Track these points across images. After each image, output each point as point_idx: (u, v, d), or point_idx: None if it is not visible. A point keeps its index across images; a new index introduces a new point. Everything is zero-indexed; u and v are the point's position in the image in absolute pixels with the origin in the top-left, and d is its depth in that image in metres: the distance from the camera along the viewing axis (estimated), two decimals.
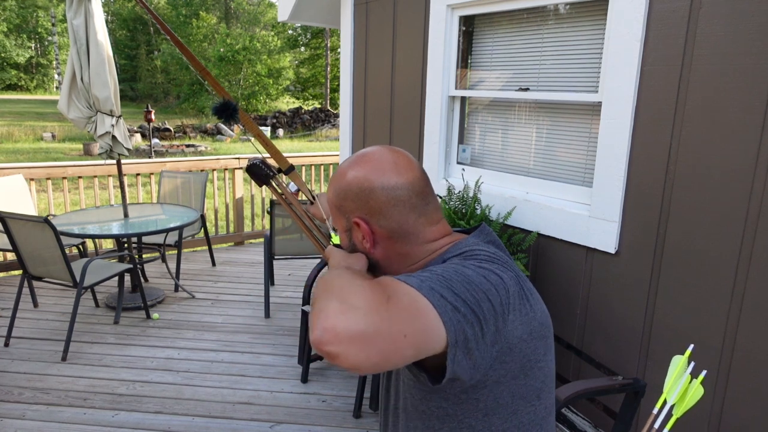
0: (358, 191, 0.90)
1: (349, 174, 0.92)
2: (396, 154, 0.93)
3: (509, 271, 0.84)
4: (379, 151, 0.93)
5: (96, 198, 5.17)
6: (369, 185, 0.90)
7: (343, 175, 0.93)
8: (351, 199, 0.91)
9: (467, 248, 0.89)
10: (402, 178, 0.90)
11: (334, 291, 0.69)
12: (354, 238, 0.94)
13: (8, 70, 40.06)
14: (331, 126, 24.72)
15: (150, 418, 2.76)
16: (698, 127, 1.89)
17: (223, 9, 41.08)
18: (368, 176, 0.90)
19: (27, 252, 3.45)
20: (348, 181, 0.92)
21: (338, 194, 0.94)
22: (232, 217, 5.86)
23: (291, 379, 3.17)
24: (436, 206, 0.94)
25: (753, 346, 1.81)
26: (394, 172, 0.90)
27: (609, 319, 2.26)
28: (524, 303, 0.82)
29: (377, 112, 3.49)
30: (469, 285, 0.75)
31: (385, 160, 0.91)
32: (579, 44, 2.39)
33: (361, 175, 0.91)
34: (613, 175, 2.16)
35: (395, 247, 0.92)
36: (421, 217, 0.91)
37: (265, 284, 4.07)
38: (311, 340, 0.64)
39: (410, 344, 0.67)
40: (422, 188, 0.91)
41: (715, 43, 1.83)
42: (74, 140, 18.42)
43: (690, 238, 1.95)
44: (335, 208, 0.96)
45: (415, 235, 0.91)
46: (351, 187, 0.91)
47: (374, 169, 0.90)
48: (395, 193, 0.89)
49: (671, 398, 1.43)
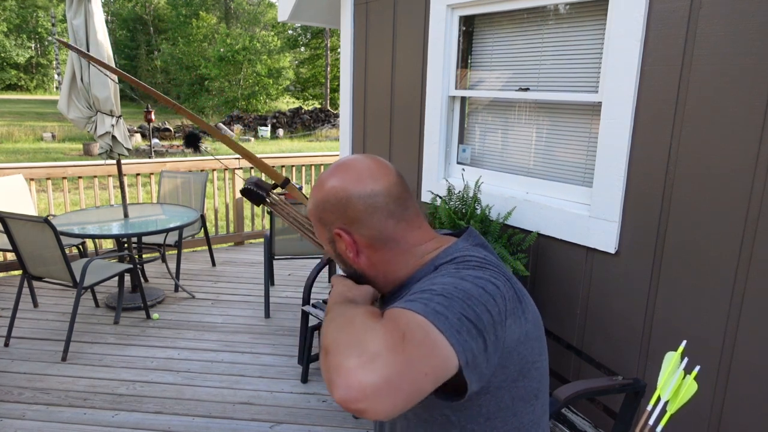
0: (335, 202, 0.90)
1: (326, 185, 0.92)
2: (372, 160, 0.92)
3: (502, 275, 0.84)
4: (355, 159, 0.93)
5: (96, 198, 5.17)
6: (345, 194, 0.89)
7: (321, 186, 0.93)
8: (330, 211, 0.91)
9: (458, 254, 0.88)
10: (378, 184, 0.89)
11: (349, 338, 0.68)
12: (338, 248, 0.94)
13: (8, 70, 40.08)
14: (331, 126, 24.72)
15: (150, 418, 2.76)
16: (698, 127, 1.89)
17: (223, 9, 41.06)
18: (345, 186, 0.90)
19: (27, 252, 3.45)
20: (325, 192, 0.91)
21: (317, 206, 0.93)
22: (232, 217, 5.86)
23: (291, 379, 3.17)
24: (416, 211, 0.93)
25: (753, 346, 1.81)
26: (370, 179, 0.89)
27: (609, 319, 2.26)
28: (518, 306, 0.82)
29: (377, 112, 3.49)
30: (470, 300, 0.75)
31: (361, 167, 0.91)
32: (579, 44, 2.39)
33: (337, 185, 0.90)
34: (613, 175, 2.16)
35: (379, 255, 0.91)
36: (401, 222, 0.90)
37: (265, 284, 4.07)
38: (336, 399, 0.63)
39: (431, 380, 0.67)
40: (399, 193, 0.91)
41: (715, 43, 1.83)
42: (74, 140, 18.42)
43: (690, 238, 1.95)
44: (317, 220, 0.95)
45: (396, 241, 0.91)
46: (329, 198, 0.91)
47: (350, 179, 0.90)
48: (372, 200, 0.89)
49: (665, 394, 1.42)
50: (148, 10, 41.00)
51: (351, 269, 0.96)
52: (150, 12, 41.00)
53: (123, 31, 41.36)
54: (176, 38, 36.90)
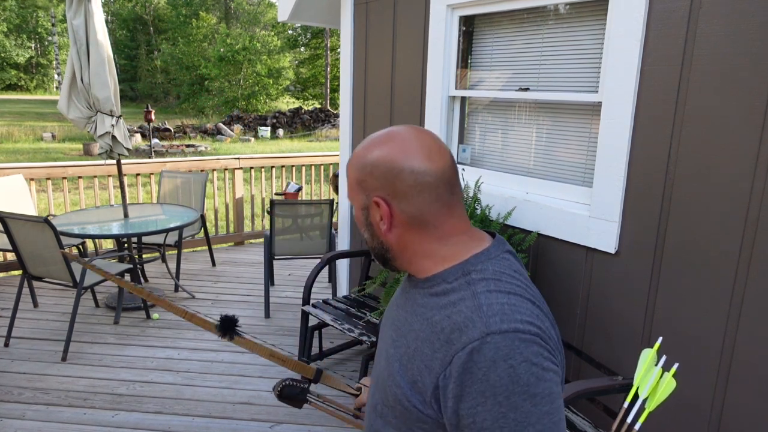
0: (385, 170, 0.86)
1: (377, 150, 0.87)
2: (431, 138, 0.89)
3: (546, 318, 0.84)
4: (412, 131, 0.89)
5: (96, 198, 5.17)
6: (398, 166, 0.85)
7: (371, 150, 0.88)
8: (376, 177, 0.87)
9: (491, 267, 0.86)
10: (433, 164, 0.86)
11: None
12: (371, 217, 0.90)
13: (8, 70, 40.07)
14: (331, 126, 24.72)
15: (150, 418, 2.76)
16: (698, 127, 1.89)
17: (223, 9, 41.07)
18: (399, 156, 0.86)
19: (27, 252, 3.45)
20: (376, 157, 0.87)
21: (362, 169, 0.89)
22: (232, 217, 5.86)
23: None
24: (460, 199, 0.91)
25: (753, 346, 1.81)
26: (427, 156, 0.86)
27: (609, 319, 2.26)
28: (562, 377, 0.83)
29: (377, 112, 3.49)
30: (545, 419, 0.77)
31: (420, 142, 0.87)
32: (579, 44, 2.39)
33: (392, 153, 0.86)
34: (613, 175, 2.16)
35: (411, 235, 0.89)
36: (444, 207, 0.87)
37: (265, 284, 4.07)
38: None
39: None
40: (450, 178, 0.88)
41: (715, 43, 1.83)
42: (74, 140, 18.42)
43: (690, 238, 1.95)
44: (356, 182, 0.91)
45: (434, 226, 0.88)
46: (378, 164, 0.87)
47: (407, 151, 0.86)
48: (424, 178, 0.85)
49: (643, 392, 1.42)
50: (148, 10, 41.00)
51: (376, 242, 0.93)
52: (150, 12, 41.00)
53: (123, 31, 41.36)
54: (176, 38, 36.91)
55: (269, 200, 4.49)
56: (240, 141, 21.02)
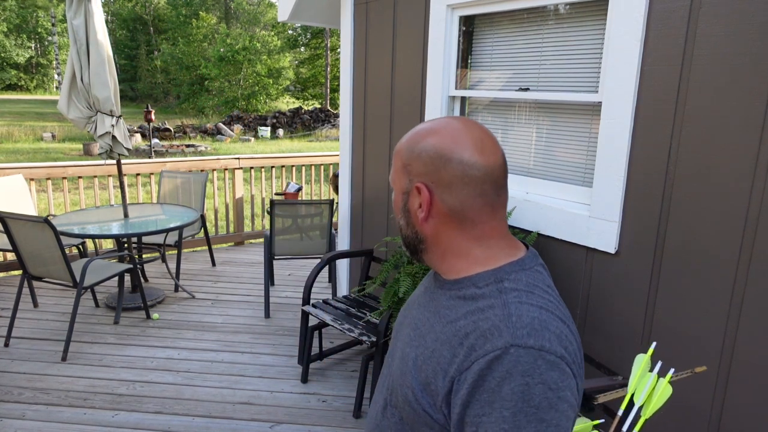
0: (434, 156, 0.84)
1: (430, 137, 0.86)
2: (485, 133, 0.87)
3: (574, 339, 0.82)
4: (468, 123, 0.87)
5: (96, 198, 5.17)
6: (448, 154, 0.84)
7: (424, 135, 0.87)
8: (423, 162, 0.85)
9: (524, 278, 0.84)
10: (484, 159, 0.84)
11: None
12: (410, 203, 0.88)
13: (8, 70, 40.08)
14: (331, 126, 24.72)
15: (150, 418, 2.76)
16: (698, 127, 1.89)
17: (223, 9, 41.08)
18: (451, 145, 0.84)
19: (27, 252, 3.45)
20: (427, 142, 0.86)
21: (412, 151, 0.87)
22: (232, 217, 5.86)
23: (291, 379, 3.17)
24: (505, 201, 0.89)
25: (753, 346, 1.81)
26: (478, 150, 0.84)
27: (609, 319, 2.26)
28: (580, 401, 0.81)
29: (377, 112, 3.49)
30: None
31: (474, 135, 0.85)
32: (579, 44, 2.39)
33: (444, 141, 0.85)
34: (613, 175, 2.16)
35: (448, 228, 0.86)
36: (487, 206, 0.85)
37: (265, 284, 4.07)
38: None
39: None
40: (499, 177, 0.86)
41: (715, 43, 1.83)
42: (74, 140, 18.42)
43: (690, 238, 1.95)
44: (402, 165, 0.89)
45: (473, 224, 0.86)
46: (428, 149, 0.85)
47: (460, 140, 0.84)
48: (472, 171, 0.83)
49: (639, 399, 1.40)
50: (148, 10, 41.01)
51: (410, 230, 0.90)
52: (150, 12, 41.01)
53: (123, 31, 41.38)
54: (176, 38, 36.92)
55: (269, 200, 4.49)
56: (240, 141, 21.02)
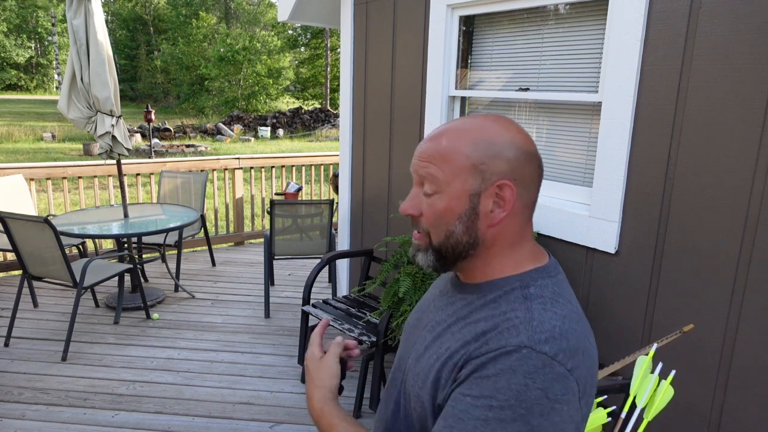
0: (517, 153, 0.80)
1: (506, 133, 0.81)
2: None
3: (592, 352, 0.79)
4: (511, 120, 0.86)
5: (96, 198, 5.17)
6: (529, 151, 0.81)
7: (498, 131, 0.81)
8: (506, 160, 0.80)
9: (551, 285, 0.82)
10: (538, 156, 0.84)
11: None
12: (481, 205, 0.82)
13: (8, 70, 40.08)
14: (331, 126, 24.72)
15: (150, 418, 2.76)
16: (698, 126, 1.89)
17: (223, 9, 41.07)
18: (527, 141, 0.82)
19: (27, 252, 3.45)
20: (503, 139, 0.81)
21: (487, 149, 0.81)
22: (232, 217, 5.86)
23: (291, 379, 3.17)
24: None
25: (753, 346, 1.81)
26: (535, 148, 0.84)
27: (609, 319, 2.26)
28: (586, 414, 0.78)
29: (377, 112, 3.49)
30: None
31: (525, 131, 0.85)
32: (579, 44, 2.39)
33: (519, 137, 0.82)
34: (613, 175, 2.16)
35: (512, 227, 0.83)
36: (534, 205, 0.85)
37: (265, 284, 4.07)
38: None
39: None
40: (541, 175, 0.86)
41: (715, 43, 1.83)
42: (74, 140, 18.42)
43: (690, 238, 1.95)
44: (471, 164, 0.81)
45: (526, 222, 0.85)
46: (512, 146, 0.81)
47: (527, 136, 0.83)
48: (539, 169, 0.83)
49: (641, 401, 1.40)
50: (148, 10, 41.01)
51: (467, 236, 0.83)
52: (150, 12, 41.01)
53: (123, 31, 41.38)
54: (176, 38, 36.92)
55: (269, 200, 4.49)
56: (240, 141, 21.01)
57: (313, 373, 0.98)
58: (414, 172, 0.86)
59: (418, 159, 0.85)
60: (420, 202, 0.85)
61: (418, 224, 0.87)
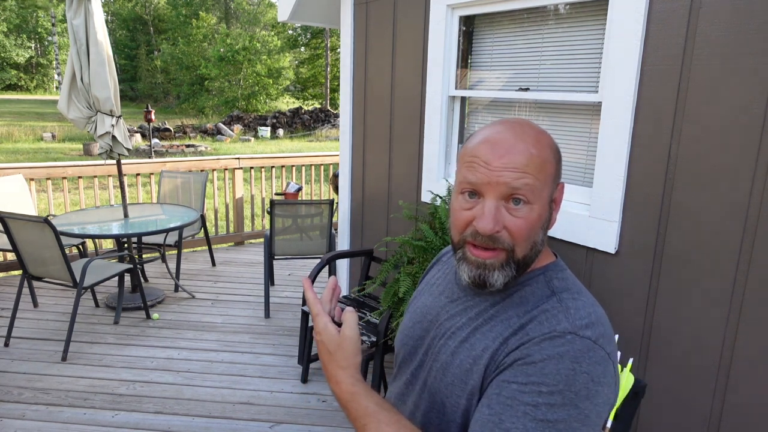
0: (558, 154, 0.86)
1: (545, 134, 0.84)
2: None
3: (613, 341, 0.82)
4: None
5: (96, 198, 5.17)
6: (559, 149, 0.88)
7: (543, 134, 0.84)
8: (558, 162, 0.85)
9: (574, 284, 0.85)
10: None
11: None
12: (555, 210, 0.87)
13: (8, 70, 40.09)
14: (331, 126, 24.72)
15: (150, 418, 2.76)
16: (698, 127, 1.89)
17: (223, 9, 41.07)
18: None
19: (27, 252, 3.45)
20: (551, 142, 0.84)
21: (556, 154, 0.84)
22: (232, 217, 5.86)
23: (291, 379, 3.17)
24: None
25: (753, 346, 1.81)
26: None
27: (608, 319, 2.26)
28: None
29: (377, 111, 3.49)
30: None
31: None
32: (579, 44, 2.39)
33: (551, 138, 0.87)
34: (613, 175, 2.16)
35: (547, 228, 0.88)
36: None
37: (265, 284, 4.07)
38: None
39: None
40: None
41: (715, 43, 1.83)
42: (74, 140, 18.42)
43: (690, 239, 1.95)
44: (554, 171, 0.83)
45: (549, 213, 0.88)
46: (555, 148, 0.85)
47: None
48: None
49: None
50: (148, 10, 41.01)
51: (541, 242, 0.85)
52: (150, 12, 41.01)
53: (123, 31, 41.38)
54: (176, 38, 36.92)
55: (269, 200, 4.49)
56: (240, 141, 21.01)
57: (334, 352, 0.86)
58: (494, 184, 0.79)
59: (506, 170, 0.78)
60: (502, 216, 0.80)
61: (497, 240, 0.80)
